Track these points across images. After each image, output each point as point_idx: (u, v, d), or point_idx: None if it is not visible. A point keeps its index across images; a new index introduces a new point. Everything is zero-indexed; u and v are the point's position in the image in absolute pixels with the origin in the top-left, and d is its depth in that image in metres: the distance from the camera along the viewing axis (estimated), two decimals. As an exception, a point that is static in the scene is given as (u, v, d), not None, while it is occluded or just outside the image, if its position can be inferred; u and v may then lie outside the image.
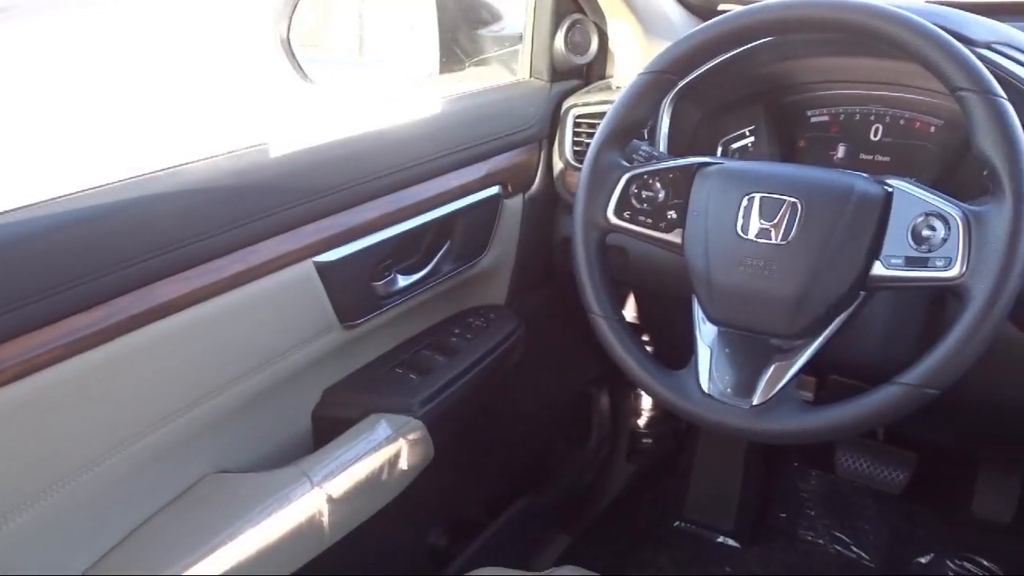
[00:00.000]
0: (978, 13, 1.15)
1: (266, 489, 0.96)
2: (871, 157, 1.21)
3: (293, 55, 1.11)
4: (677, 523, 1.91)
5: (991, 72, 0.86)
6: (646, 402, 1.87)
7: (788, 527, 1.88)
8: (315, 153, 1.06)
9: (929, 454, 1.70)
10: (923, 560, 1.74)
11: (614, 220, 1.00)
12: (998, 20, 1.15)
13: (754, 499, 1.89)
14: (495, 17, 1.63)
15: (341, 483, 1.01)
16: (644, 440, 1.87)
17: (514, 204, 1.37)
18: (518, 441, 1.63)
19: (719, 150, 1.29)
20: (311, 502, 0.98)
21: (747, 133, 1.27)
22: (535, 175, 1.40)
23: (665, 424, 1.90)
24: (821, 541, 1.83)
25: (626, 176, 1.00)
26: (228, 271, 0.93)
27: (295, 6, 1.10)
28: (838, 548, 1.81)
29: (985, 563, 1.69)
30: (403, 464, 1.09)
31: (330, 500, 0.99)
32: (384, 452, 1.06)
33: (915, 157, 1.18)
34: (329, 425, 1.10)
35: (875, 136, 1.21)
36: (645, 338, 1.59)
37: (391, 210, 1.14)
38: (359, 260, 1.09)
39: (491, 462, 1.56)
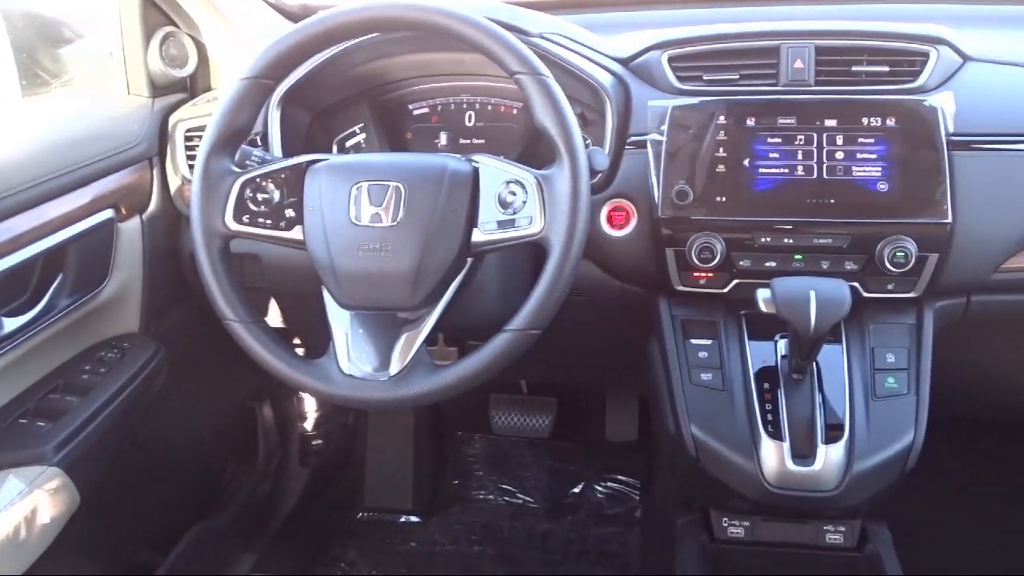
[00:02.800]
0: (540, 9, 1.33)
1: None
2: (469, 141, 1.35)
3: None
4: (360, 514, 1.96)
5: (542, 57, 1.00)
6: (311, 404, 1.89)
7: (462, 491, 2.02)
8: None
9: (566, 396, 1.93)
10: (576, 490, 1.98)
11: (234, 226, 1.01)
12: (554, 13, 1.34)
13: (428, 474, 2.01)
14: (78, 35, 1.53)
15: (-30, 554, 0.91)
16: (315, 442, 1.90)
17: (132, 226, 1.31)
18: (182, 468, 1.57)
19: (335, 149, 1.35)
20: (-64, 584, 0.87)
21: (357, 131, 1.34)
22: (150, 194, 1.36)
23: (333, 421, 1.94)
24: (492, 497, 2.00)
25: (239, 181, 1.01)
26: None
27: None
28: (507, 499, 1.99)
29: (623, 478, 1.96)
30: (44, 517, 1.01)
31: (-40, 575, 0.90)
32: (18, 509, 0.98)
33: (504, 137, 1.33)
34: (-55, 498, 0.99)
35: (470, 122, 1.35)
36: (296, 341, 1.61)
37: (-20, 250, 1.04)
38: (-50, 308, 0.99)
39: (155, 495, 1.48)
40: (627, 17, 1.56)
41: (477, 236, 0.97)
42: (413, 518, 1.95)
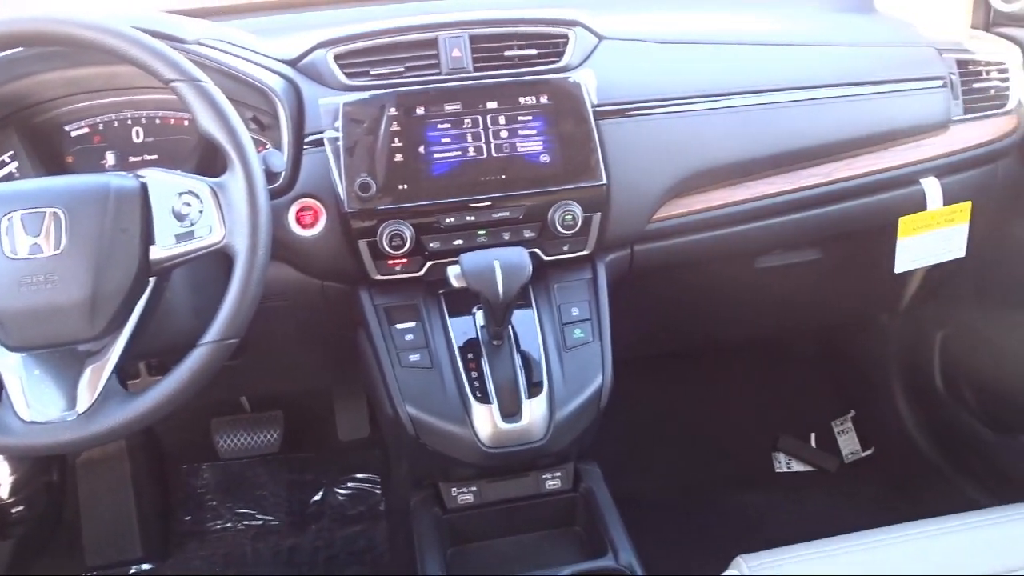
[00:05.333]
0: (200, 16, 1.29)
1: None
2: (140, 158, 1.28)
3: None
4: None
5: (201, 63, 0.98)
6: (3, 467, 1.69)
7: (196, 526, 1.92)
8: None
9: (292, 405, 1.90)
10: (317, 498, 1.96)
11: None
12: (216, 20, 1.31)
13: (155, 516, 1.88)
14: None
15: None
16: (15, 509, 1.69)
17: None
18: None
19: None
20: None
21: (7, 160, 1.22)
22: None
23: (35, 482, 1.75)
24: (230, 524, 1.92)
25: None
26: None
27: None
28: (246, 523, 1.92)
29: (362, 476, 1.98)
30: None
31: None
32: None
33: (179, 150, 1.28)
34: None
35: (138, 139, 1.28)
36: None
37: None
38: None
39: None
40: (294, 20, 1.57)
41: (156, 253, 0.93)
42: (145, 566, 1.82)
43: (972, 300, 1.69)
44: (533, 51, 1.25)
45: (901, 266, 1.45)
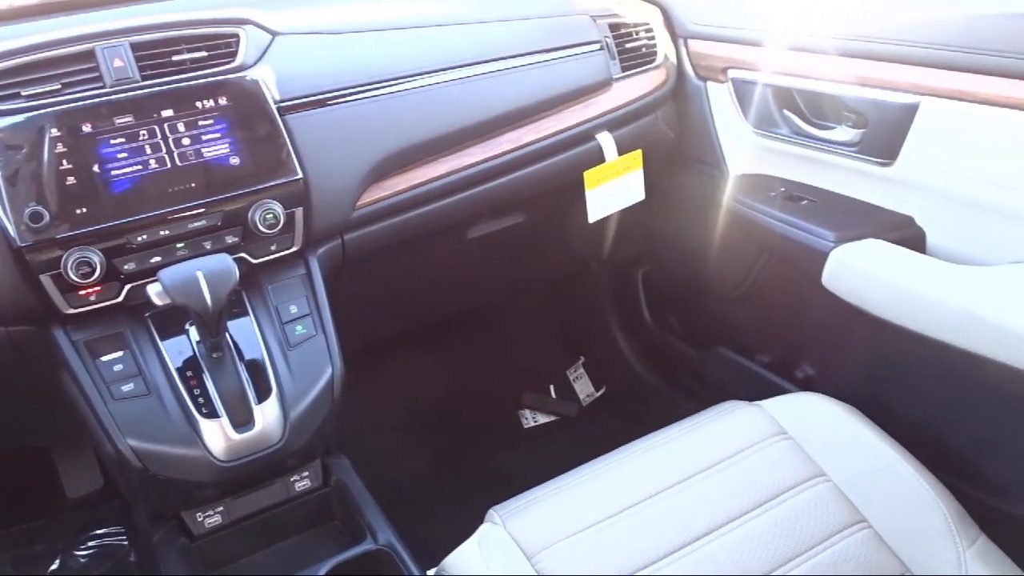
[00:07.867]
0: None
1: None
2: None
3: None
4: None
5: None
6: None
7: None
8: None
9: (3, 474, 1.70)
10: (54, 567, 1.77)
11: None
12: None
13: None
14: None
15: None
16: None
17: None
18: None
19: None
20: None
21: None
22: None
23: None
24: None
25: None
26: None
27: None
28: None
29: (103, 531, 1.81)
30: None
31: None
32: None
33: None
34: None
35: None
36: None
37: None
38: None
39: None
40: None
41: None
42: None
43: (658, 237, 1.88)
44: (204, 53, 1.21)
45: (593, 215, 1.58)
